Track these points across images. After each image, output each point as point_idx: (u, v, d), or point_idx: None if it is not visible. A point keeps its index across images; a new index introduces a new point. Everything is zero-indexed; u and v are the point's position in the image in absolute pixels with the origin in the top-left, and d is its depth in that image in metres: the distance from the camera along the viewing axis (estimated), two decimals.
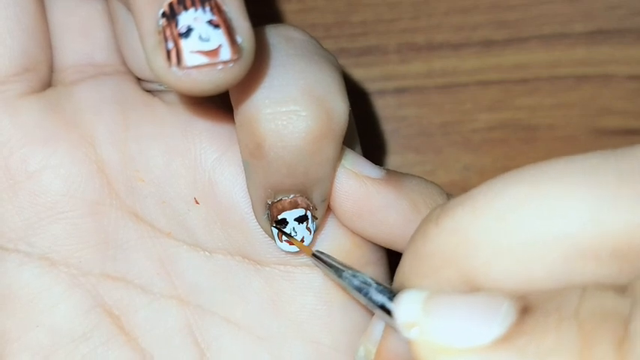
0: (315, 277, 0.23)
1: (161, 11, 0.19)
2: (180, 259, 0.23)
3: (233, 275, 0.23)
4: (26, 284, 0.22)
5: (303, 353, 0.23)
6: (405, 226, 0.22)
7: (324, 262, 0.21)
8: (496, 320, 0.15)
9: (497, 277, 0.16)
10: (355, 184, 0.22)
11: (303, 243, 0.22)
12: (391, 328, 0.18)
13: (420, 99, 0.31)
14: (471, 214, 0.16)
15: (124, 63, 0.24)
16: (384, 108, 0.31)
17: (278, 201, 0.21)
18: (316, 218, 0.22)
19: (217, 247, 0.23)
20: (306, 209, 0.22)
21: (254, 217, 0.22)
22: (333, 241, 0.23)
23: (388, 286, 0.18)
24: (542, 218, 0.15)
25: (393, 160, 0.31)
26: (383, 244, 0.23)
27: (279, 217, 0.21)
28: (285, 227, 0.22)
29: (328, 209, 0.22)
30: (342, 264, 0.20)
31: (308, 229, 0.22)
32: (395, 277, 0.18)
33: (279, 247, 0.22)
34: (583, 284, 0.15)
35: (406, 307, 0.15)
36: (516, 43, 0.31)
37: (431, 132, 0.31)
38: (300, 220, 0.22)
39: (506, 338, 0.14)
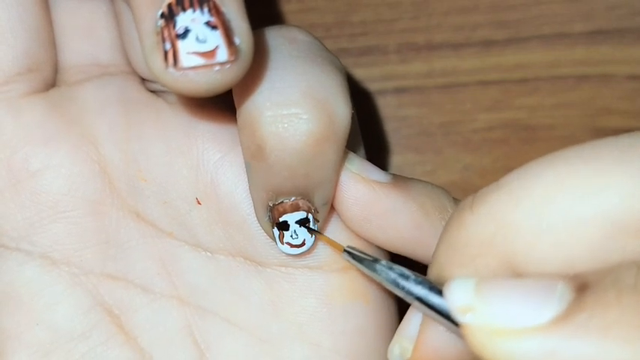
0: (316, 279, 0.23)
1: (160, 12, 0.19)
2: (181, 259, 0.23)
3: (234, 276, 0.23)
4: (27, 283, 0.22)
5: (303, 355, 0.23)
6: (413, 230, 0.22)
7: (357, 258, 0.20)
8: (553, 299, 0.15)
9: (538, 259, 0.16)
10: (363, 188, 0.22)
11: (305, 246, 0.22)
12: (428, 321, 0.18)
13: (420, 99, 0.31)
14: (507, 198, 0.16)
15: (129, 63, 0.24)
16: (384, 108, 0.31)
17: (279, 203, 0.21)
18: (317, 221, 0.22)
19: (219, 248, 0.23)
20: (308, 212, 0.22)
21: (255, 218, 0.22)
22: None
23: (426, 277, 0.18)
24: (581, 198, 0.15)
25: (393, 160, 0.31)
26: (390, 249, 0.23)
27: (281, 219, 0.21)
28: (286, 230, 0.22)
29: (330, 212, 0.22)
30: (374, 257, 0.20)
31: (310, 231, 0.22)
32: (429, 269, 0.18)
33: (281, 249, 0.22)
34: (624, 261, 0.15)
35: (459, 292, 0.15)
36: (516, 43, 0.31)
37: (431, 132, 0.31)
38: (302, 222, 0.22)
39: (566, 315, 0.14)
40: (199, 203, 0.23)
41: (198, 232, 0.23)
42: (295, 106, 0.20)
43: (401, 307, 0.24)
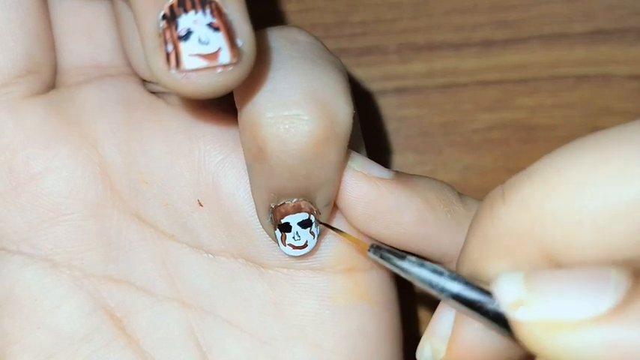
0: (318, 280, 0.23)
1: (162, 13, 0.19)
2: (183, 261, 0.23)
3: (236, 278, 0.23)
4: (28, 286, 0.22)
5: (305, 357, 0.23)
6: (419, 225, 0.22)
7: (384, 256, 0.19)
8: (608, 288, 0.14)
9: (579, 248, 0.15)
10: (366, 185, 0.22)
11: (307, 248, 0.22)
12: (464, 319, 0.17)
13: (420, 99, 0.31)
14: (542, 186, 0.15)
15: (129, 64, 0.24)
16: (384, 108, 0.31)
17: (281, 205, 0.21)
18: (320, 222, 0.22)
19: (220, 250, 0.23)
20: (310, 213, 0.22)
21: (257, 219, 0.22)
22: (338, 245, 0.23)
23: (459, 274, 0.17)
24: (619, 182, 0.15)
25: (393, 160, 0.31)
26: (396, 246, 0.22)
27: (283, 221, 0.21)
28: (288, 231, 0.22)
29: (334, 211, 0.22)
30: (403, 254, 0.19)
31: (312, 233, 0.22)
32: (460, 266, 0.18)
33: (283, 251, 0.22)
34: None
35: (508, 287, 0.15)
36: (516, 43, 0.31)
37: (431, 132, 0.31)
38: (304, 224, 0.22)
39: (625, 304, 0.14)
40: (201, 205, 0.23)
41: (199, 234, 0.23)
42: (296, 107, 0.20)
43: (403, 309, 0.24)
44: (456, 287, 0.17)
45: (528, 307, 0.14)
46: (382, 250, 0.19)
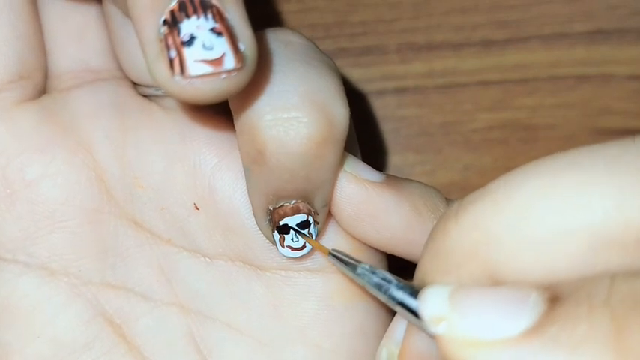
0: (316, 281, 0.23)
1: (162, 19, 0.18)
2: (180, 265, 0.23)
3: (234, 281, 0.23)
4: (26, 295, 0.22)
5: (304, 357, 0.23)
6: (406, 230, 0.22)
7: (341, 260, 0.20)
8: (525, 310, 0.14)
9: (520, 270, 0.15)
10: (356, 187, 0.22)
11: (305, 249, 0.22)
12: (413, 326, 0.18)
13: (420, 99, 0.31)
14: (491, 208, 0.16)
15: (120, 68, 0.23)
16: (384, 108, 0.31)
17: (279, 207, 0.21)
18: (317, 223, 0.22)
19: (218, 253, 0.23)
20: (308, 215, 0.22)
21: (254, 222, 0.22)
22: (333, 246, 0.22)
23: (409, 282, 0.18)
24: (566, 209, 0.15)
25: (393, 160, 0.31)
26: (383, 249, 0.23)
27: (281, 223, 0.21)
28: (286, 233, 0.22)
29: (329, 215, 0.22)
30: (359, 261, 0.20)
31: (309, 234, 0.22)
32: (415, 275, 0.18)
33: (281, 253, 0.22)
34: (608, 273, 0.14)
35: (432, 301, 0.15)
36: (516, 43, 0.30)
37: (431, 132, 0.31)
38: (302, 225, 0.22)
39: (537, 328, 0.14)
40: (197, 209, 0.23)
41: (196, 237, 0.23)
42: (295, 109, 0.20)
43: None
44: (400, 295, 0.17)
45: (448, 322, 0.15)
46: (339, 256, 0.21)
